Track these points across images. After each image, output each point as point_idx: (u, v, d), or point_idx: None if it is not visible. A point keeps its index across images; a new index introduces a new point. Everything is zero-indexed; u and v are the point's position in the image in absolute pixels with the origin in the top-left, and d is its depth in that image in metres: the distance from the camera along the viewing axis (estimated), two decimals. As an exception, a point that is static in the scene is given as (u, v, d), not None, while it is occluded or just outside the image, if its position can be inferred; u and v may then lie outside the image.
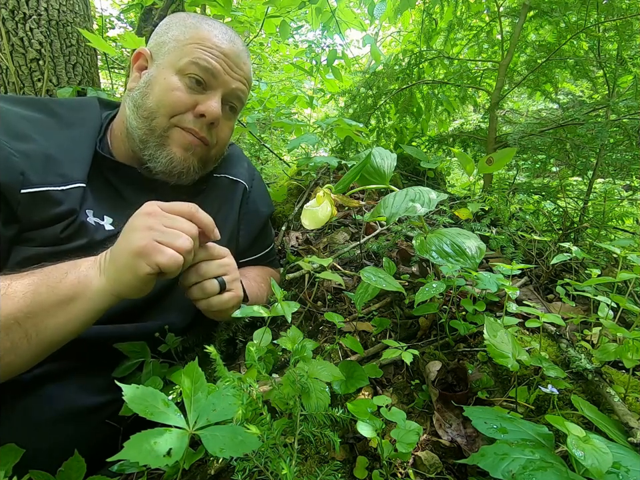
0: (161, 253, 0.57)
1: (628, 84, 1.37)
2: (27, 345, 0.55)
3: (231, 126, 0.89)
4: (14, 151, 0.66)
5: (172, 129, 0.79)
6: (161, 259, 0.57)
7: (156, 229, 0.59)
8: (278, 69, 4.80)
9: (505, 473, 0.43)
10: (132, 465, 0.52)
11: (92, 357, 0.70)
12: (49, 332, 0.56)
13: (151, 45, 0.83)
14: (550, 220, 1.39)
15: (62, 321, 0.57)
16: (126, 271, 0.58)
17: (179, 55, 0.78)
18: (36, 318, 0.55)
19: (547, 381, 0.66)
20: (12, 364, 0.55)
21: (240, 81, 0.84)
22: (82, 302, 0.58)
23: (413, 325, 0.91)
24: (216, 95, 0.80)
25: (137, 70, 0.83)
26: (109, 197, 0.80)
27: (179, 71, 0.78)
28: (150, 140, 0.79)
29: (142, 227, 0.59)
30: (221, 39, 0.80)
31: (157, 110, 0.77)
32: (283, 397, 0.55)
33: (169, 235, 0.59)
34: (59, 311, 0.56)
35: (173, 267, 0.58)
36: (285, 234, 1.45)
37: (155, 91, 0.78)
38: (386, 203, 0.74)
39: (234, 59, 0.81)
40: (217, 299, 0.69)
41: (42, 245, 0.68)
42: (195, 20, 0.82)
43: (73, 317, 0.57)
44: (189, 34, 0.79)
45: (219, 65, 0.79)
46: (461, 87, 1.87)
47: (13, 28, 1.46)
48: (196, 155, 0.82)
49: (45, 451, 0.61)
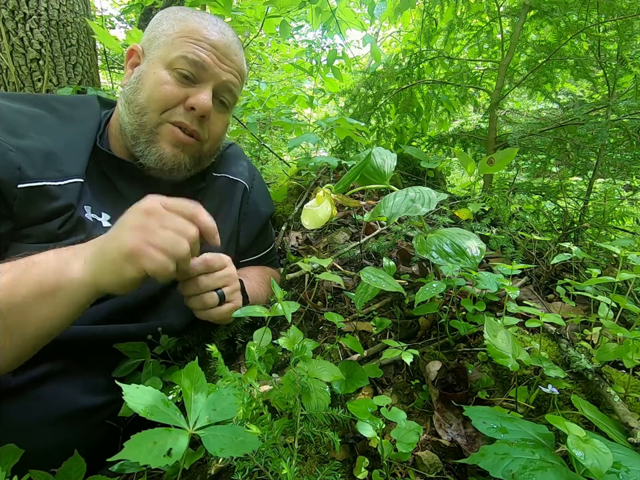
0: (150, 259, 0.54)
1: (628, 84, 1.37)
2: (10, 341, 0.53)
3: (224, 120, 0.88)
4: (11, 146, 0.66)
5: (162, 125, 0.78)
6: (149, 265, 0.54)
7: (151, 230, 0.55)
8: (278, 68, 4.80)
9: (505, 473, 0.43)
10: (132, 465, 0.52)
11: (92, 357, 0.70)
12: (32, 327, 0.54)
13: (143, 41, 0.83)
14: (550, 220, 1.39)
15: (44, 315, 0.54)
16: (111, 269, 0.55)
17: (169, 49, 0.77)
18: (17, 312, 0.53)
19: (547, 381, 0.66)
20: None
21: (231, 73, 0.83)
22: (63, 295, 0.55)
23: (413, 325, 0.91)
24: (206, 87, 0.79)
25: (130, 67, 0.83)
26: (108, 194, 0.79)
27: (168, 65, 0.77)
28: (140, 136, 0.78)
29: (137, 225, 0.56)
30: (210, 31, 0.79)
31: (148, 105, 0.77)
32: (283, 397, 0.55)
33: (164, 238, 0.55)
34: (41, 304, 0.54)
35: (162, 274, 0.55)
36: (284, 234, 1.45)
37: (145, 86, 0.77)
38: (386, 203, 0.74)
39: (224, 51, 0.80)
40: (216, 311, 0.70)
41: (40, 241, 0.68)
42: (184, 13, 0.82)
43: (55, 310, 0.55)
44: (178, 27, 0.79)
45: (208, 58, 0.78)
46: (461, 87, 1.87)
47: (13, 28, 1.46)
48: (187, 151, 0.81)
49: (44, 451, 0.61)
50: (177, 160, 0.80)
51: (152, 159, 0.79)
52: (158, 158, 0.79)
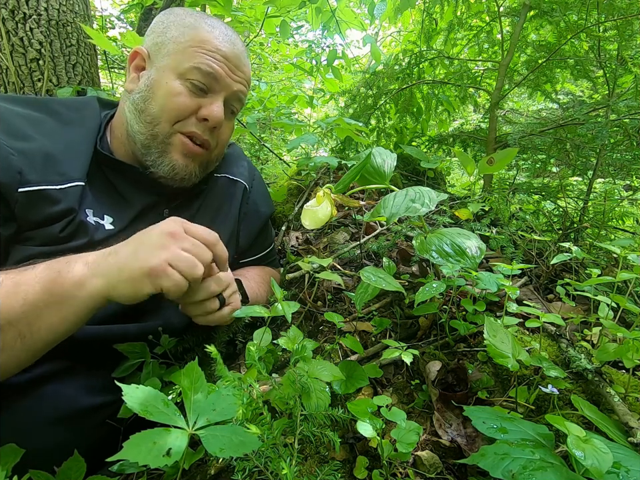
0: (168, 278, 0.58)
1: (628, 84, 1.37)
2: (21, 345, 0.55)
3: (231, 126, 0.89)
4: (12, 149, 0.66)
5: (174, 135, 0.79)
6: (166, 284, 0.58)
7: (172, 251, 0.59)
8: (278, 68, 4.80)
9: (505, 473, 0.43)
10: (132, 465, 0.52)
11: (92, 357, 0.70)
12: (43, 332, 0.56)
13: (149, 45, 0.81)
14: (550, 220, 1.39)
15: (55, 321, 0.56)
16: (128, 284, 0.57)
17: (180, 59, 0.77)
18: (29, 318, 0.54)
19: (547, 381, 0.66)
20: (7, 364, 0.55)
21: (241, 83, 0.84)
22: (74, 303, 0.57)
23: (413, 325, 0.91)
24: (218, 98, 0.80)
25: (135, 70, 0.82)
26: (109, 196, 0.79)
27: (180, 75, 0.77)
28: (152, 146, 0.78)
29: (158, 245, 0.59)
30: (222, 41, 0.79)
31: (161, 116, 0.77)
32: (283, 397, 0.55)
33: (184, 260, 0.59)
34: (53, 311, 0.56)
35: (176, 293, 0.59)
36: (284, 234, 1.45)
37: (157, 95, 0.77)
38: (386, 203, 0.74)
39: (235, 62, 0.81)
40: (216, 315, 0.70)
41: (42, 244, 0.68)
42: (193, 19, 0.81)
43: (65, 317, 0.57)
44: (189, 35, 0.78)
45: (220, 70, 0.78)
46: (461, 87, 1.87)
47: (13, 28, 1.46)
48: (197, 161, 0.83)
49: (45, 450, 0.61)
50: (188, 169, 0.81)
51: (165, 169, 0.80)
52: (170, 168, 0.80)
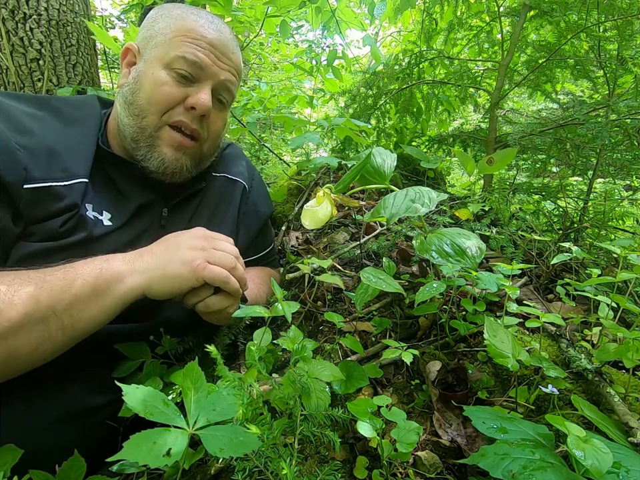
0: (209, 270, 0.66)
1: (628, 84, 1.37)
2: (62, 335, 0.58)
3: (223, 118, 0.88)
4: (19, 145, 0.66)
5: (162, 128, 0.78)
6: (209, 275, 0.65)
7: (207, 250, 0.68)
8: (278, 68, 4.80)
9: (505, 473, 0.43)
10: (132, 464, 0.52)
11: (92, 357, 0.70)
12: (82, 323, 0.60)
13: (139, 40, 0.82)
14: (550, 220, 1.39)
15: (94, 313, 0.61)
16: (170, 280, 0.65)
17: (166, 49, 0.77)
18: (72, 310, 0.59)
19: (547, 381, 0.66)
20: (45, 353, 0.58)
21: (229, 72, 0.82)
22: (114, 296, 0.62)
23: (413, 325, 0.91)
24: (205, 86, 0.79)
25: (127, 66, 0.82)
26: (109, 192, 0.79)
27: (166, 65, 0.77)
28: (141, 139, 0.78)
29: (195, 246, 0.68)
30: (207, 29, 0.79)
31: (148, 108, 0.77)
32: (283, 397, 0.55)
33: (219, 257, 0.68)
34: (93, 303, 0.60)
35: (217, 282, 0.67)
36: (284, 234, 1.45)
37: (144, 87, 0.77)
38: (386, 203, 0.74)
39: (222, 49, 0.80)
40: (214, 299, 0.70)
41: (41, 240, 0.68)
42: (180, 11, 0.81)
43: (105, 310, 0.62)
44: (175, 26, 0.78)
45: (206, 58, 0.78)
46: (461, 87, 1.87)
47: (13, 28, 1.46)
48: (188, 154, 0.82)
49: (45, 450, 0.61)
50: (178, 163, 0.80)
51: (154, 163, 0.79)
52: (160, 162, 0.79)
